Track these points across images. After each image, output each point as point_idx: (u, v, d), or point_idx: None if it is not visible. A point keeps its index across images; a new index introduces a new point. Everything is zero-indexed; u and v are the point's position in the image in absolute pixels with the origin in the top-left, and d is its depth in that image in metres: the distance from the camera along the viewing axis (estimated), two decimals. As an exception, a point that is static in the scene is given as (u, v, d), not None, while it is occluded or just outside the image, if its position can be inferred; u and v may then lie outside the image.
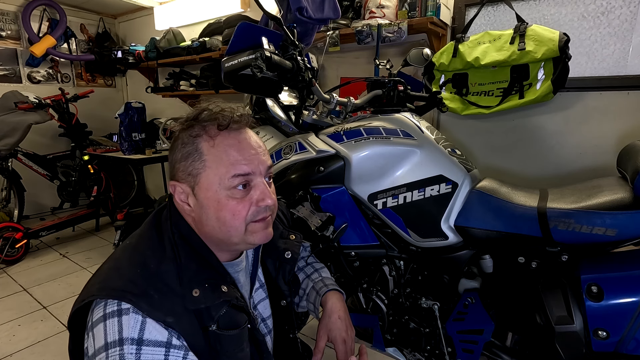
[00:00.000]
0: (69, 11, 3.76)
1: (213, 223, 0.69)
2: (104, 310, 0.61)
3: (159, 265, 0.65)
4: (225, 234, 0.70)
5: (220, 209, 0.68)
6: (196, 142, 0.69)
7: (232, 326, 0.68)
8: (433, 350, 1.20)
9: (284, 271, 0.89)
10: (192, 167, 0.69)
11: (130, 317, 0.60)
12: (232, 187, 0.68)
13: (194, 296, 0.64)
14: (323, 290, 0.96)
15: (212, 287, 0.67)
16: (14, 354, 1.77)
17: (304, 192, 1.14)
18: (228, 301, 0.68)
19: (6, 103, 2.93)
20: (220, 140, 0.69)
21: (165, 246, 0.68)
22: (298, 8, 1.41)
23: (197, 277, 0.67)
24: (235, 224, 0.69)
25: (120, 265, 0.67)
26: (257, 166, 0.70)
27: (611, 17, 1.77)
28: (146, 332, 0.59)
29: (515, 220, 1.01)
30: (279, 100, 1.34)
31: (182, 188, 0.70)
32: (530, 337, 1.09)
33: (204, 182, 0.68)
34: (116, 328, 0.59)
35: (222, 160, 0.68)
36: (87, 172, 3.28)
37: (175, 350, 0.61)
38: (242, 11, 2.99)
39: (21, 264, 2.75)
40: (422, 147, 1.11)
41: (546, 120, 1.92)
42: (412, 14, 2.00)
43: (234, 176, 0.68)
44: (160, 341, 0.60)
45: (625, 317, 0.86)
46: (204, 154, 0.68)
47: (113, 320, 0.60)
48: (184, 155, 0.69)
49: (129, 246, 0.71)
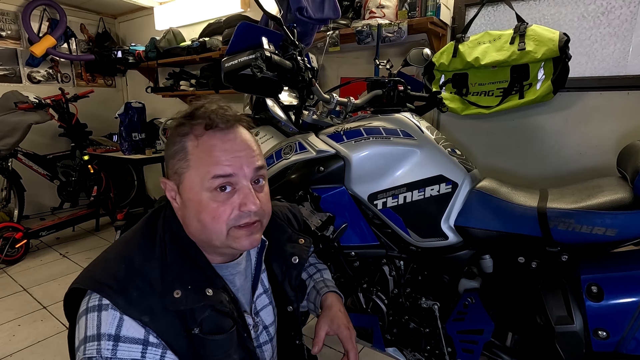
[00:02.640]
0: (69, 11, 3.76)
1: (195, 224, 0.68)
2: (87, 304, 0.62)
3: (144, 263, 0.65)
4: (206, 236, 0.68)
5: (200, 210, 0.66)
6: (183, 140, 0.68)
7: (217, 331, 0.67)
8: (433, 350, 1.20)
9: (291, 276, 0.86)
10: (178, 165, 0.68)
11: (109, 312, 0.60)
12: (213, 188, 0.66)
13: (174, 297, 0.63)
14: (324, 290, 0.96)
15: (196, 289, 0.65)
16: (14, 354, 1.76)
17: (304, 192, 1.14)
18: (211, 305, 0.65)
19: (6, 103, 2.93)
20: (205, 139, 0.67)
21: (155, 244, 0.68)
22: (298, 8, 1.41)
23: (181, 278, 0.65)
24: (215, 228, 0.66)
25: (108, 258, 0.67)
26: (240, 168, 0.67)
27: (611, 17, 1.77)
28: (123, 329, 0.60)
29: (515, 220, 1.01)
30: (279, 100, 1.34)
31: (171, 185, 0.70)
32: (530, 337, 1.09)
33: (187, 181, 0.67)
34: (95, 322, 0.60)
35: (203, 161, 0.66)
36: (87, 172, 3.28)
37: (152, 348, 0.61)
38: (242, 11, 2.99)
39: (21, 264, 2.75)
40: (422, 147, 1.11)
41: (546, 120, 1.92)
42: (412, 14, 2.00)
43: (215, 177, 0.65)
44: (138, 338, 0.60)
45: (625, 317, 0.86)
46: (189, 153, 0.67)
47: (93, 314, 0.60)
48: (172, 153, 0.69)
49: (122, 240, 0.71)
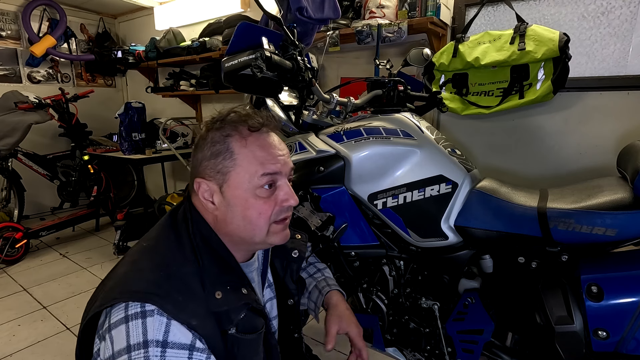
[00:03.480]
0: (69, 11, 3.76)
1: (238, 222, 0.71)
2: (125, 312, 0.59)
3: (181, 268, 0.66)
4: (249, 232, 0.72)
5: (247, 207, 0.70)
6: (227, 141, 0.71)
7: (250, 330, 0.69)
8: (433, 350, 1.20)
9: (292, 270, 0.91)
10: (222, 165, 0.70)
11: (155, 319, 0.59)
12: (260, 186, 0.70)
13: (216, 298, 0.65)
14: (326, 290, 0.98)
15: (234, 289, 0.68)
16: (14, 354, 1.76)
17: (304, 192, 1.14)
18: (248, 304, 0.68)
19: (6, 103, 2.93)
20: (251, 140, 0.71)
21: (185, 248, 0.69)
22: (298, 8, 1.41)
23: (219, 280, 0.68)
24: (260, 223, 0.71)
25: (141, 268, 0.66)
26: (283, 167, 0.73)
27: (611, 17, 1.77)
28: (171, 335, 0.59)
29: (515, 220, 1.01)
30: (279, 100, 1.34)
31: (209, 185, 0.71)
32: (530, 337, 1.09)
33: (234, 180, 0.70)
34: (140, 330, 0.58)
35: (252, 159, 0.70)
36: (87, 172, 3.28)
37: (198, 353, 0.61)
38: (242, 11, 2.99)
39: (21, 264, 2.75)
40: (422, 147, 1.11)
41: (546, 120, 1.92)
42: (412, 14, 2.00)
43: (263, 175, 0.70)
44: (185, 344, 0.60)
45: (625, 317, 0.86)
46: (235, 152, 0.70)
47: (137, 322, 0.58)
48: (214, 154, 0.71)
49: (146, 248, 0.70)
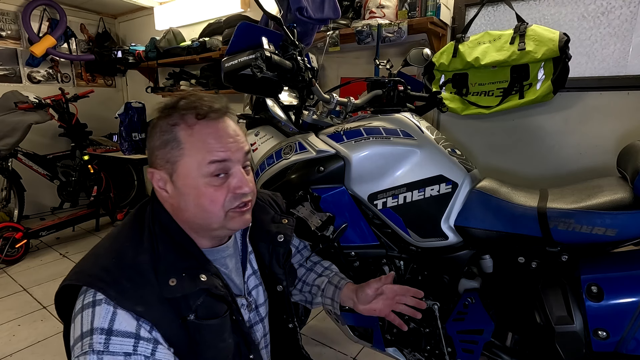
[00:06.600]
0: (69, 11, 3.76)
1: (193, 209, 0.71)
2: (82, 302, 0.63)
3: (136, 257, 0.66)
4: (205, 219, 0.71)
5: (199, 195, 0.70)
6: (174, 130, 0.70)
7: (211, 315, 0.69)
8: (433, 350, 1.20)
9: (278, 254, 0.89)
10: (170, 154, 0.70)
11: (102, 307, 0.61)
12: (209, 174, 0.69)
13: (170, 285, 0.65)
14: (342, 283, 0.99)
15: (190, 276, 0.68)
16: (14, 354, 1.77)
17: (304, 192, 1.14)
18: (206, 289, 0.68)
19: (6, 103, 2.93)
20: (198, 128, 0.70)
21: (143, 237, 0.70)
22: (298, 8, 1.41)
23: (175, 267, 0.68)
24: (214, 210, 0.70)
25: (98, 253, 0.68)
26: (234, 154, 0.71)
27: (611, 17, 1.77)
28: (116, 323, 0.60)
29: (515, 220, 1.01)
30: (279, 100, 1.34)
31: (160, 175, 0.72)
32: (530, 337, 1.09)
33: (182, 169, 0.70)
34: (89, 318, 0.60)
35: (199, 148, 0.69)
36: (87, 172, 3.28)
37: (144, 342, 0.61)
38: (242, 11, 2.99)
39: (21, 264, 2.75)
40: (422, 147, 1.11)
41: (546, 120, 1.92)
42: (412, 14, 2.00)
43: (211, 162, 0.69)
44: (130, 332, 0.61)
45: (625, 317, 0.86)
46: (182, 142, 0.69)
47: (88, 310, 0.61)
48: (163, 143, 0.70)
49: (111, 235, 0.73)
